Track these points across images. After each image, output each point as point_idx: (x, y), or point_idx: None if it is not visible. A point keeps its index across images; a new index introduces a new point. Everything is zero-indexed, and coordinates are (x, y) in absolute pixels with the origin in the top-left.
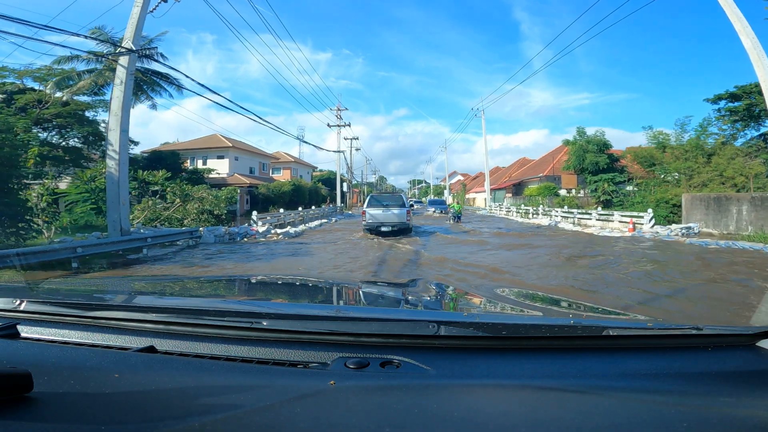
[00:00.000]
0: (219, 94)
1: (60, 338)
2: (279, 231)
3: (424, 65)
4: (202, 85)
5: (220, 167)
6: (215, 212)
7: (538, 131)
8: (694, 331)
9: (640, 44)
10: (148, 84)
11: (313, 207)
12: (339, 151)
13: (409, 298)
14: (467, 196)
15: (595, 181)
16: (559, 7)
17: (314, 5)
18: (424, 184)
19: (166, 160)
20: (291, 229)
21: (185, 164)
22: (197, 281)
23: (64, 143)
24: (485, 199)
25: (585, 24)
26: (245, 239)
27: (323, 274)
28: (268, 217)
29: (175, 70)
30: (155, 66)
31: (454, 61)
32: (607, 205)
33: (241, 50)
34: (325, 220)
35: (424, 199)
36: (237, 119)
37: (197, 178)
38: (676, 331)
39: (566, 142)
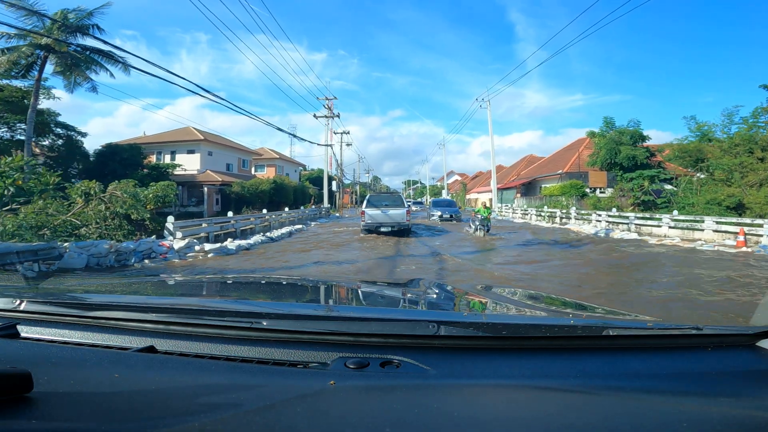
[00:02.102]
0: (172, 73)
1: (60, 338)
2: (209, 247)
3: (420, 66)
4: (152, 63)
5: (190, 163)
6: (133, 216)
7: (533, 132)
8: (694, 331)
9: (634, 45)
10: (84, 62)
11: (287, 209)
12: (327, 145)
13: (409, 298)
14: (467, 196)
15: (632, 179)
16: (554, 9)
17: (309, 6)
18: (419, 185)
19: (122, 154)
20: (232, 244)
21: (149, 159)
22: (197, 281)
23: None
24: (490, 199)
25: (580, 26)
26: (146, 262)
27: (323, 275)
28: (204, 225)
29: (114, 46)
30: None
31: (449, 63)
32: (646, 206)
33: (235, 51)
34: (301, 226)
35: (425, 199)
36: (232, 120)
37: (158, 174)
38: (677, 331)
39: (591, 134)
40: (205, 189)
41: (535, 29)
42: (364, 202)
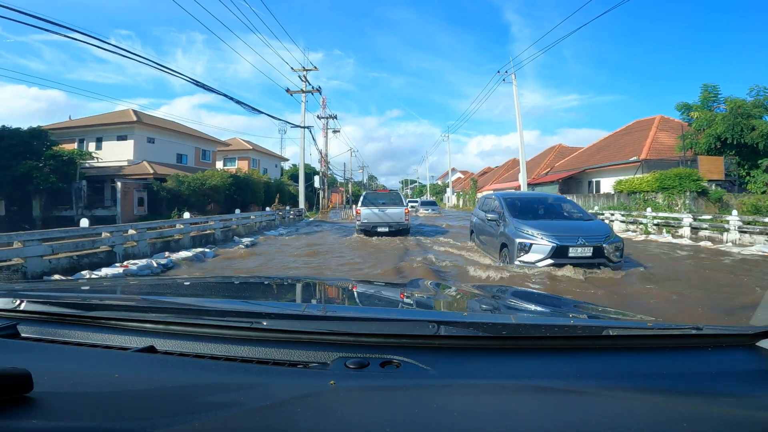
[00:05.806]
0: (79, 31)
1: (60, 338)
2: None
3: (416, 67)
4: (35, 16)
5: (121, 152)
6: None
7: (529, 132)
8: (694, 331)
9: (631, 47)
10: None
11: (191, 214)
12: (303, 127)
13: (409, 298)
14: (478, 195)
15: None
16: (550, 10)
17: (306, 6)
18: (417, 184)
19: (11, 140)
20: None
21: (62, 147)
22: (197, 281)
23: None
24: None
25: (576, 24)
26: None
27: (323, 275)
28: None
29: None
30: None
31: (446, 63)
32: None
33: (229, 51)
34: (201, 251)
35: (426, 197)
36: (229, 120)
37: (58, 164)
38: (676, 331)
39: (686, 108)
40: (119, 184)
41: (532, 30)
42: (360, 200)
